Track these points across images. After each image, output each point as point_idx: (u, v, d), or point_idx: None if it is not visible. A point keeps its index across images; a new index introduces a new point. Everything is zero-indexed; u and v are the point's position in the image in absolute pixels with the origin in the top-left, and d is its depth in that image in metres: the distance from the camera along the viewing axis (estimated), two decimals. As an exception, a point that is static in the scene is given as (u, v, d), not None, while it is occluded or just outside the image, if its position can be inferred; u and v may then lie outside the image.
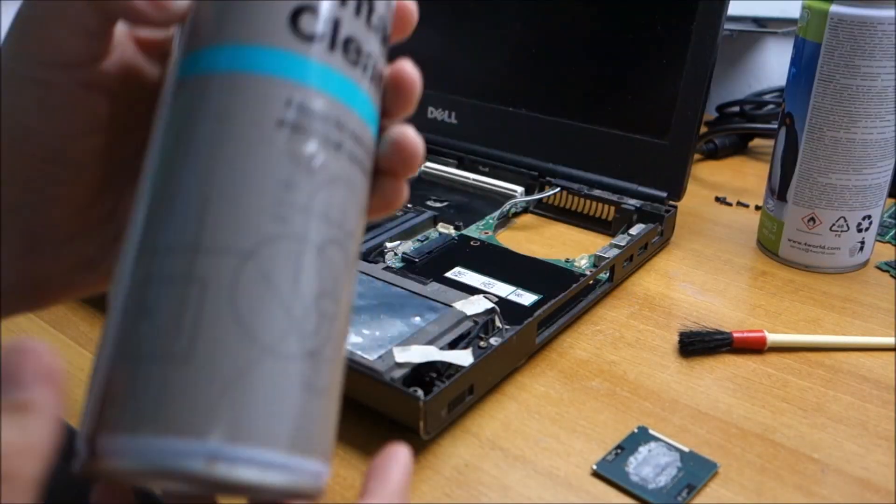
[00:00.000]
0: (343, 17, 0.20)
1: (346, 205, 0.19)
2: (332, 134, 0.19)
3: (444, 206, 0.53)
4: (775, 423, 0.34)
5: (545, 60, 0.54)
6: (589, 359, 0.38)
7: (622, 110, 0.51)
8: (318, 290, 0.18)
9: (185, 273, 0.17)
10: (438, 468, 0.31)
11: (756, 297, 0.44)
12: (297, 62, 0.19)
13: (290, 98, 0.19)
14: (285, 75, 0.19)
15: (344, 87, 0.20)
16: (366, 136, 0.21)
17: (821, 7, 0.42)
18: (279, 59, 0.19)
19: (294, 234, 0.18)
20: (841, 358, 0.38)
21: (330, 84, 0.19)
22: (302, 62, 0.19)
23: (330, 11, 0.20)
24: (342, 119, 0.19)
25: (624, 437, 0.33)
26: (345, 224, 0.19)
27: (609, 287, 0.44)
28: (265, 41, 0.19)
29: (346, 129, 0.20)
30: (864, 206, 0.45)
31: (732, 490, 0.30)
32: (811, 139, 0.44)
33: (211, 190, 0.18)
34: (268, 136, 0.18)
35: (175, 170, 0.19)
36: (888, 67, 0.41)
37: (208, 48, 0.19)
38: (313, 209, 0.18)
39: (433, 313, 0.36)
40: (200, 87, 0.19)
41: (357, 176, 0.20)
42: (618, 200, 0.50)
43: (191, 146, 0.19)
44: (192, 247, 0.18)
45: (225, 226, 0.18)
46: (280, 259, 0.18)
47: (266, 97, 0.19)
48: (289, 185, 0.18)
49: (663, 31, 0.49)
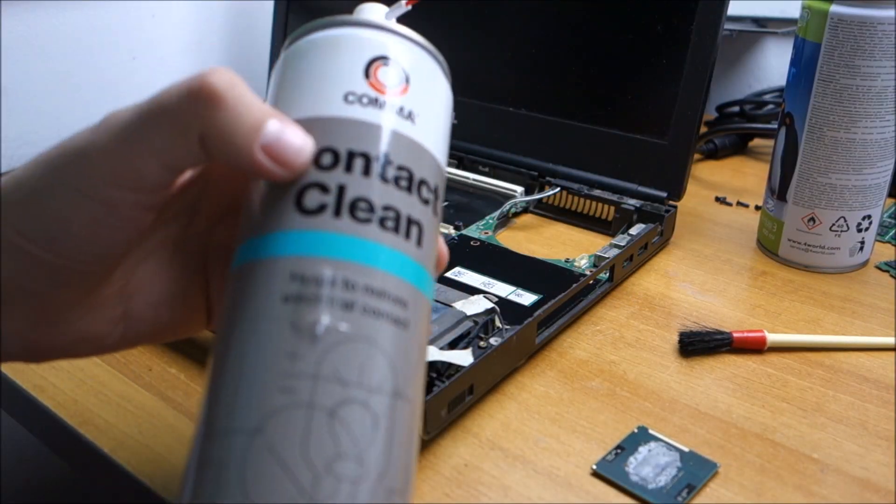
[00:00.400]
0: (349, 182, 0.20)
1: (364, 361, 0.19)
2: (339, 295, 0.19)
3: (444, 206, 0.53)
4: (775, 422, 0.34)
5: (545, 60, 0.54)
6: (589, 359, 0.38)
7: (622, 110, 0.51)
8: (333, 453, 0.18)
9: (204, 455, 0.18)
10: (438, 468, 0.31)
11: (756, 296, 0.44)
12: (299, 237, 0.20)
13: (294, 272, 0.19)
14: (289, 252, 0.20)
15: (353, 247, 0.20)
16: (390, 285, 0.20)
17: (821, 7, 0.42)
18: (284, 240, 0.20)
19: (300, 402, 0.18)
20: (841, 358, 0.38)
21: (334, 248, 0.20)
22: (304, 236, 0.20)
23: (334, 180, 0.20)
24: (352, 278, 0.20)
25: (624, 437, 0.33)
26: (366, 380, 0.19)
27: (609, 287, 0.44)
28: (274, 228, 0.20)
29: (358, 287, 0.20)
30: (864, 206, 0.45)
31: (732, 490, 0.30)
32: (811, 139, 0.44)
33: (223, 374, 0.19)
34: (274, 313, 0.19)
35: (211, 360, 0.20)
36: (888, 67, 0.41)
37: (238, 246, 0.21)
38: (320, 375, 0.18)
39: (433, 313, 0.36)
40: (229, 283, 0.21)
41: (382, 327, 0.20)
42: (618, 200, 0.50)
43: (217, 338, 0.20)
44: (208, 430, 0.19)
45: (233, 405, 0.18)
46: (286, 430, 0.18)
47: (271, 276, 0.19)
48: (293, 355, 0.19)
49: (663, 31, 0.49)
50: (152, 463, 0.31)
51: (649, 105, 0.50)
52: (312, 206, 0.20)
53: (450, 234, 0.49)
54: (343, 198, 0.20)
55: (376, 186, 0.21)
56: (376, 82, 0.22)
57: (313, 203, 0.20)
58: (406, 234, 0.21)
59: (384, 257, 0.20)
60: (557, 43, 0.53)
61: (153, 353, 0.38)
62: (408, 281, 0.21)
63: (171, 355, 0.38)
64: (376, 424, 0.19)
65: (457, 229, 0.49)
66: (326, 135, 0.21)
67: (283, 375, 0.18)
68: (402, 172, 0.21)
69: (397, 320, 0.20)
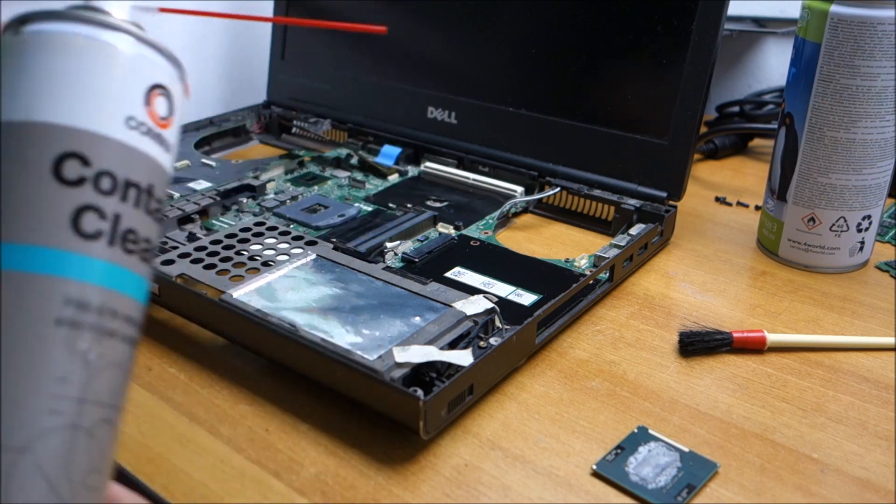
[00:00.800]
0: (123, 213, 0.21)
1: (117, 384, 0.20)
2: (108, 324, 0.20)
3: (444, 206, 0.53)
4: (775, 422, 0.34)
5: (545, 60, 0.54)
6: (589, 359, 0.38)
7: (622, 110, 0.51)
8: (87, 468, 0.19)
9: None
10: (438, 468, 0.31)
11: (756, 296, 0.44)
12: (76, 261, 0.20)
13: (69, 296, 0.19)
14: (64, 274, 0.19)
15: (121, 278, 0.20)
16: (136, 313, 0.21)
17: (821, 7, 0.42)
18: (58, 260, 0.19)
19: (67, 424, 0.19)
20: (841, 358, 0.38)
21: (108, 278, 0.20)
22: (81, 261, 0.20)
23: (112, 208, 0.20)
24: (117, 307, 0.20)
25: (624, 437, 0.33)
26: (115, 400, 0.20)
27: (609, 287, 0.44)
28: (45, 242, 0.19)
29: (120, 315, 0.20)
30: (863, 206, 0.45)
31: (732, 490, 0.30)
32: (811, 139, 0.44)
33: None
34: (45, 335, 0.19)
35: None
36: (888, 67, 0.41)
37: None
38: (87, 398, 0.19)
39: (433, 313, 0.36)
40: None
41: (128, 353, 0.21)
42: (618, 200, 0.50)
43: None
44: None
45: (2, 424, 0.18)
46: (51, 450, 0.19)
47: (44, 296, 0.19)
48: (64, 380, 0.19)
49: (663, 31, 0.49)
50: (152, 463, 0.32)
51: (649, 105, 0.50)
52: (90, 230, 0.20)
53: (450, 234, 0.49)
54: (118, 227, 0.20)
55: (142, 219, 0.21)
56: (154, 113, 0.22)
57: (91, 228, 0.20)
58: (150, 260, 0.22)
59: (136, 286, 0.21)
60: (557, 43, 0.53)
61: (153, 352, 0.38)
62: (142, 302, 0.22)
63: (171, 355, 0.38)
64: (115, 437, 0.21)
65: (457, 229, 0.49)
66: (107, 157, 0.21)
67: (52, 398, 0.19)
68: (159, 204, 0.22)
69: (134, 343, 0.21)
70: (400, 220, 0.49)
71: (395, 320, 0.36)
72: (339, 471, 0.31)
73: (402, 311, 0.37)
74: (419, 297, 0.38)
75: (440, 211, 0.52)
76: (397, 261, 0.45)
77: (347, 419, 0.34)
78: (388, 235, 0.47)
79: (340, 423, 0.34)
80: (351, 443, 0.33)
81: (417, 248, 0.46)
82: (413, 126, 0.60)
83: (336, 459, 0.32)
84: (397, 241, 0.47)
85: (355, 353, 0.33)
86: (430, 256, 0.46)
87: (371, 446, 0.32)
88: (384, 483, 0.31)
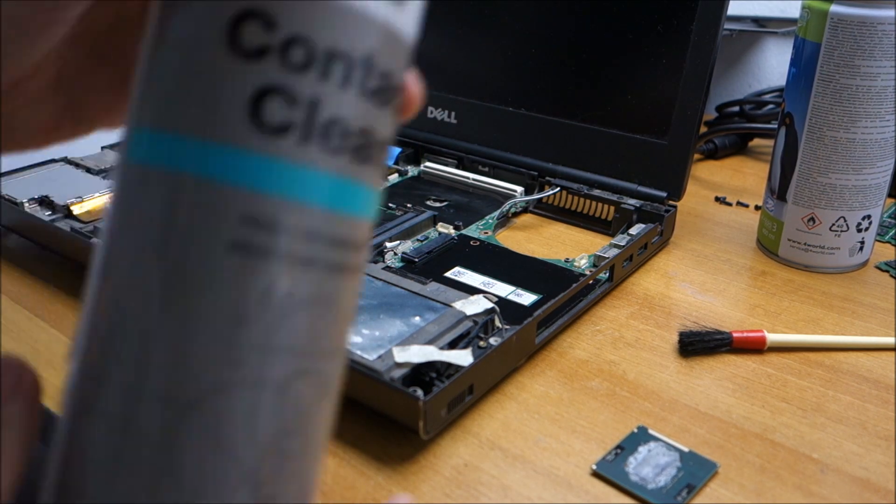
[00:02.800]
0: (323, 96, 0.15)
1: (320, 325, 0.16)
2: (302, 250, 0.15)
3: (444, 206, 0.53)
4: (775, 422, 0.34)
5: (545, 60, 0.54)
6: (588, 359, 0.38)
7: (622, 110, 0.51)
8: (278, 430, 0.16)
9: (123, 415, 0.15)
10: (438, 468, 0.31)
11: (756, 296, 0.44)
12: (257, 164, 0.15)
13: (246, 213, 0.15)
14: (241, 183, 0.15)
15: (321, 186, 0.16)
16: (353, 230, 0.17)
17: (821, 7, 0.42)
18: (235, 161, 0.15)
19: (248, 378, 0.15)
20: (841, 358, 0.38)
21: (298, 187, 0.15)
22: (263, 164, 0.15)
23: (307, 90, 0.15)
24: (316, 227, 0.16)
25: (624, 437, 0.33)
26: (319, 346, 0.16)
27: (609, 287, 0.44)
28: (217, 135, 0.15)
29: (322, 238, 0.16)
30: (863, 206, 0.45)
31: (732, 490, 0.30)
32: (811, 139, 0.44)
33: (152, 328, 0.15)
34: (216, 263, 0.15)
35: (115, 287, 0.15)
36: (888, 67, 0.41)
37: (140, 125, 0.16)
38: (273, 345, 0.15)
39: (433, 313, 0.36)
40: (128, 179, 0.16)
41: (339, 283, 0.16)
42: (618, 200, 0.50)
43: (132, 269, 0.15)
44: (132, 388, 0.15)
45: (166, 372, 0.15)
46: (227, 407, 0.15)
47: (215, 212, 0.15)
48: (242, 321, 0.15)
49: (663, 30, 0.49)
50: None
51: (649, 105, 0.50)
52: (275, 121, 0.15)
53: (450, 233, 0.49)
54: (315, 117, 0.15)
55: (354, 104, 0.16)
56: None
57: (277, 118, 0.15)
58: (377, 163, 0.17)
59: (352, 198, 0.16)
60: (557, 43, 0.53)
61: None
62: (368, 218, 0.17)
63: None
64: (324, 393, 0.17)
65: (457, 229, 0.49)
66: (298, 16, 0.15)
67: (227, 345, 0.15)
68: (384, 82, 0.16)
69: (356, 268, 0.17)
70: (400, 219, 0.49)
71: (395, 320, 0.36)
72: (339, 470, 0.31)
73: (402, 311, 0.37)
74: (419, 296, 0.38)
75: (440, 211, 0.52)
76: (397, 261, 0.45)
77: (347, 419, 0.34)
78: (387, 235, 0.47)
79: (340, 423, 0.34)
80: (350, 442, 0.33)
81: (417, 248, 0.46)
82: (413, 125, 0.60)
83: (335, 459, 0.32)
84: (397, 240, 0.47)
85: (355, 353, 0.33)
86: (429, 256, 0.46)
87: (371, 446, 0.32)
88: (384, 483, 0.31)
